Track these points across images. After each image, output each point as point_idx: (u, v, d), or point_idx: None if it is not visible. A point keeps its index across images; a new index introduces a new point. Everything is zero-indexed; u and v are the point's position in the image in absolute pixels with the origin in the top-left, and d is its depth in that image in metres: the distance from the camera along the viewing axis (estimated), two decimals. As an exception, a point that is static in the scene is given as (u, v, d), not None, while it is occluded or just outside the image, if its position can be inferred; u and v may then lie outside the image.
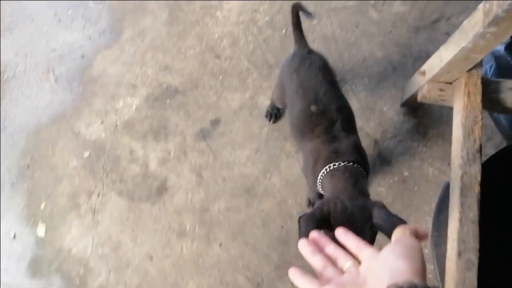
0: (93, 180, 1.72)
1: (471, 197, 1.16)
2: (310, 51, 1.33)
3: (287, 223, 1.58)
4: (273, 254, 1.54)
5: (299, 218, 0.99)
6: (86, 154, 1.75)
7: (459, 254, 1.11)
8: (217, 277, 1.57)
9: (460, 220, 1.14)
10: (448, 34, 1.84)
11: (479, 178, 1.18)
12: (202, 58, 1.86)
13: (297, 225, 0.97)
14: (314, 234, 0.58)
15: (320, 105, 1.19)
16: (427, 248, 1.53)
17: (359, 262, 0.51)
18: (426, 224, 1.58)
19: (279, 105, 1.52)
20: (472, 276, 1.09)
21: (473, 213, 1.15)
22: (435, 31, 1.85)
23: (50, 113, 1.82)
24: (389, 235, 0.88)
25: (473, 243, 1.12)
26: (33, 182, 1.73)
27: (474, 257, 1.10)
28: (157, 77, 1.84)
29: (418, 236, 0.50)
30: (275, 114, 1.72)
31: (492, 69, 1.61)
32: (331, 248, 0.55)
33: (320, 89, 1.21)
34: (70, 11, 1.96)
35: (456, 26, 1.83)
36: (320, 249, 0.55)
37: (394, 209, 1.60)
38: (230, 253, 1.59)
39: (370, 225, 0.95)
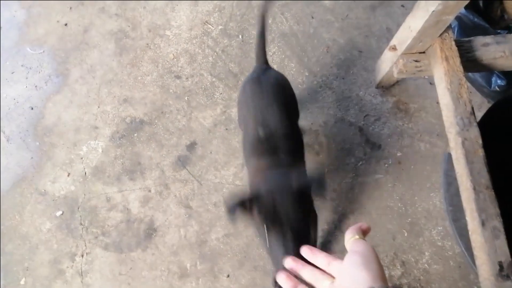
0: (73, 239, 1.55)
1: (478, 162, 1.11)
2: (266, 70, 1.26)
3: (292, 234, 1.47)
4: (286, 271, 1.42)
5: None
6: (59, 213, 1.58)
7: (483, 224, 1.04)
8: (233, 310, 1.44)
9: (474, 188, 1.08)
10: (404, 6, 1.82)
11: (480, 141, 1.13)
12: (162, 82, 1.74)
13: None
14: (290, 261, 0.60)
15: (266, 130, 1.10)
16: (447, 225, 1.47)
17: (333, 277, 0.56)
18: (433, 201, 1.52)
19: (240, 126, 1.34)
20: (502, 244, 1.02)
21: (485, 178, 1.09)
22: (391, 5, 1.82)
23: (9, 177, 1.63)
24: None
25: (494, 208, 1.06)
26: (5, 259, 1.54)
27: (498, 223, 1.04)
28: (118, 112, 1.70)
29: (365, 232, 0.58)
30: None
31: (456, 30, 1.59)
32: (307, 272, 0.58)
33: (269, 113, 1.13)
34: (8, 63, 1.79)
35: (412, -4, 1.83)
36: (296, 282, 0.58)
37: (397, 192, 1.54)
38: (241, 282, 1.46)
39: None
